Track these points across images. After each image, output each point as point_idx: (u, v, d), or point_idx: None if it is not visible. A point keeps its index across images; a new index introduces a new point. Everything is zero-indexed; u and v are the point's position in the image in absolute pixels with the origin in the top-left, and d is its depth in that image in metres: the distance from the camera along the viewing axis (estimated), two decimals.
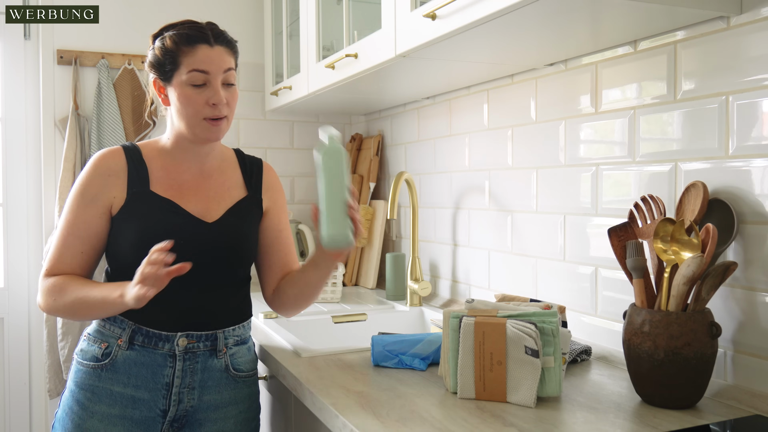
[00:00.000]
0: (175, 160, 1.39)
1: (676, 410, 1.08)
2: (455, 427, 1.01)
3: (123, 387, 1.31)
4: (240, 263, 1.40)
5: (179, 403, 1.33)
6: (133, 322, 1.32)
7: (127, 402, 1.31)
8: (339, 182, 1.25)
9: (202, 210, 1.37)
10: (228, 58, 1.35)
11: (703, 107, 1.22)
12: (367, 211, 2.44)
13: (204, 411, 1.36)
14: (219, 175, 1.43)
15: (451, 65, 1.65)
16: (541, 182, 1.65)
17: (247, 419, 1.42)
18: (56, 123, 2.40)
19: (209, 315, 1.36)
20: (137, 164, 1.36)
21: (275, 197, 1.51)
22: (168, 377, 1.32)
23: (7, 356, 2.42)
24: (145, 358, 1.31)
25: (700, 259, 1.06)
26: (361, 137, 2.68)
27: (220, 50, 1.34)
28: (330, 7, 2.08)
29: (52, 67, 2.40)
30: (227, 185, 1.43)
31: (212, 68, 1.32)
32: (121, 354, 1.31)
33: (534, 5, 1.12)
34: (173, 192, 1.36)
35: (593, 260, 1.48)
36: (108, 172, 1.34)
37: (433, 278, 2.18)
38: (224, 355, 1.37)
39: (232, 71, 1.35)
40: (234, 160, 1.49)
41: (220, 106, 1.33)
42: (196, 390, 1.34)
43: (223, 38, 1.36)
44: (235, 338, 1.40)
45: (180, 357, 1.32)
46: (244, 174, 1.47)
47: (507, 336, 1.11)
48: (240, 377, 1.40)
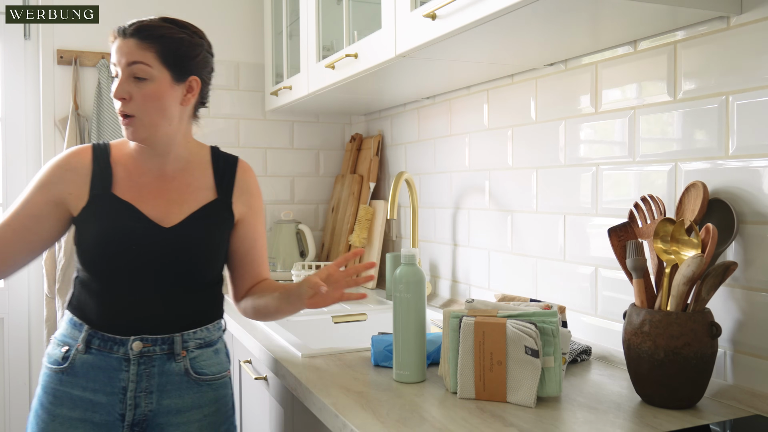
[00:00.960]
0: (137, 161, 1.35)
1: (676, 410, 1.08)
2: (455, 427, 1.01)
3: (82, 390, 1.29)
4: (200, 269, 1.35)
5: (136, 408, 1.30)
6: (89, 326, 1.30)
7: (87, 405, 1.29)
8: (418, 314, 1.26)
9: (160, 214, 1.32)
10: (137, 50, 1.24)
11: (703, 107, 1.22)
12: (367, 211, 2.44)
13: (165, 415, 1.32)
14: (183, 176, 1.37)
15: (451, 65, 1.65)
16: (541, 182, 1.65)
17: (213, 423, 1.37)
18: (56, 123, 2.40)
19: (165, 319, 1.32)
20: (102, 165, 1.33)
21: (251, 202, 1.43)
22: (123, 381, 1.29)
23: (7, 356, 2.42)
24: (102, 362, 1.29)
25: (700, 259, 1.06)
26: (361, 137, 2.68)
27: (132, 42, 1.25)
28: (330, 7, 2.08)
29: (52, 67, 2.40)
30: (193, 187, 1.37)
31: (118, 59, 1.26)
32: (79, 358, 1.29)
33: (534, 5, 1.12)
34: (133, 195, 1.32)
35: (593, 260, 1.48)
36: (67, 167, 1.32)
37: (433, 278, 2.18)
38: (183, 358, 1.33)
39: (140, 65, 1.24)
40: (207, 159, 1.41)
41: (125, 103, 1.25)
42: (154, 394, 1.31)
43: (141, 31, 1.25)
44: (198, 341, 1.35)
45: (134, 361, 1.29)
46: (216, 175, 1.40)
47: (507, 336, 1.11)
48: (203, 380, 1.35)
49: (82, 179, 1.32)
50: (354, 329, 1.92)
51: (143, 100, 1.25)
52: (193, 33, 1.32)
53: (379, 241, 2.39)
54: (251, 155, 2.68)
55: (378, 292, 2.34)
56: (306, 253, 2.53)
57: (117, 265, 1.29)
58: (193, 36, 1.32)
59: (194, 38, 1.32)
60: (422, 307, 1.25)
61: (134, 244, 1.28)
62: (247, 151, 2.68)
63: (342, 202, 2.61)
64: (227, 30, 2.64)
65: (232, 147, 2.64)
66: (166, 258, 1.31)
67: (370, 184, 2.49)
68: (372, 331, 1.89)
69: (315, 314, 1.94)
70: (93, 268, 1.29)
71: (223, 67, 2.62)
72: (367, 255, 2.45)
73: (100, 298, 1.31)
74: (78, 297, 1.34)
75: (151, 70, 1.25)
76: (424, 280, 1.26)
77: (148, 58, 1.25)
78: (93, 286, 1.31)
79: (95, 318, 1.30)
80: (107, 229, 1.29)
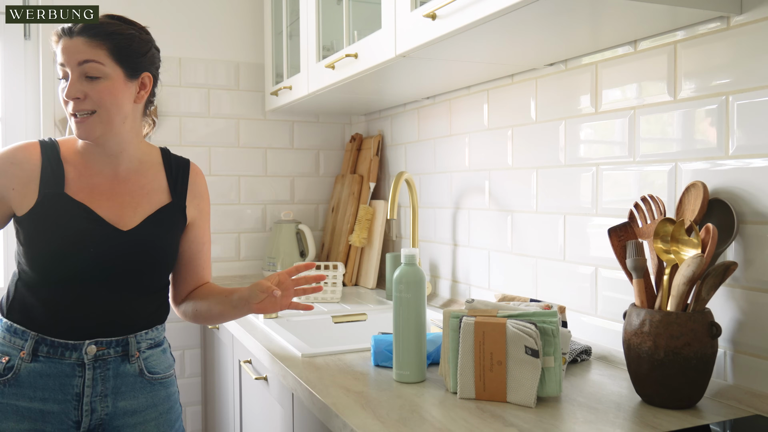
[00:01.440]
0: (87, 161, 1.30)
1: (676, 410, 1.08)
2: (455, 427, 1.01)
3: (29, 401, 1.24)
4: (156, 273, 1.35)
5: (92, 413, 1.27)
6: (36, 333, 1.25)
7: (36, 416, 1.24)
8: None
9: (115, 216, 1.29)
10: (87, 49, 1.22)
11: (703, 107, 1.22)
12: (367, 211, 2.44)
13: (121, 417, 1.30)
14: (137, 178, 1.34)
15: (451, 65, 1.65)
16: (541, 182, 1.65)
17: (168, 421, 1.37)
18: (56, 123, 2.40)
19: (120, 322, 1.29)
20: (53, 163, 1.27)
21: (201, 206, 1.42)
22: (78, 387, 1.26)
23: None
24: (51, 369, 1.24)
25: (700, 259, 1.06)
26: (361, 137, 2.68)
27: (79, 41, 1.22)
28: (330, 7, 2.08)
29: (52, 67, 2.40)
30: (147, 189, 1.34)
31: (67, 59, 1.22)
32: (24, 367, 1.24)
33: (534, 5, 1.12)
34: (86, 195, 1.28)
35: (593, 260, 1.48)
36: (12, 161, 1.25)
37: (433, 278, 2.18)
38: (137, 359, 1.32)
39: (92, 63, 1.21)
40: (158, 161, 1.39)
41: (79, 101, 1.22)
42: (109, 397, 1.28)
43: (89, 29, 1.23)
44: (149, 341, 1.35)
45: (89, 365, 1.26)
46: (169, 177, 1.38)
47: (507, 336, 1.11)
48: (156, 379, 1.35)
49: (28, 176, 1.25)
50: (354, 329, 1.92)
51: (99, 98, 1.22)
52: (140, 29, 1.31)
53: (379, 241, 2.39)
54: (251, 155, 2.68)
55: (378, 292, 2.34)
56: (306, 253, 2.53)
57: (72, 268, 1.24)
58: (141, 32, 1.31)
59: (142, 35, 1.31)
60: (422, 307, 1.25)
61: (91, 247, 1.24)
62: (247, 151, 2.68)
63: (342, 202, 2.61)
64: (227, 30, 2.64)
65: (232, 147, 2.64)
66: (123, 261, 1.28)
67: (370, 184, 2.49)
68: (372, 331, 1.89)
69: (315, 314, 1.94)
70: (44, 271, 1.24)
71: (223, 67, 2.63)
72: (367, 255, 2.45)
73: (50, 302, 1.25)
74: (21, 302, 1.28)
75: (104, 68, 1.23)
76: (424, 280, 1.26)
77: (100, 56, 1.22)
78: (42, 289, 1.26)
79: (44, 323, 1.25)
80: (62, 230, 1.24)
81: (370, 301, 2.16)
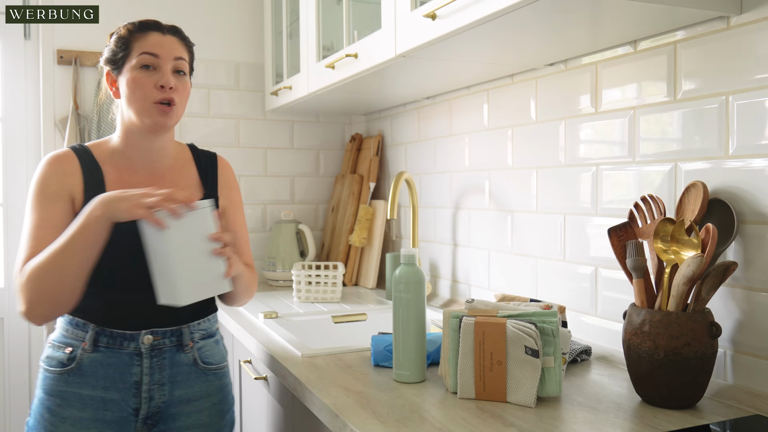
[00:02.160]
0: (127, 160, 1.36)
1: (676, 410, 1.08)
2: (455, 427, 1.01)
3: (92, 389, 1.30)
4: None
5: (150, 400, 1.33)
6: (96, 324, 1.31)
7: (97, 404, 1.30)
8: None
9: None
10: (179, 47, 1.35)
11: (703, 107, 1.22)
12: (367, 211, 2.44)
13: (176, 405, 1.36)
14: (172, 174, 1.41)
15: (451, 65, 1.65)
16: (541, 182, 1.65)
17: (221, 411, 1.43)
18: (56, 123, 2.40)
19: (173, 312, 1.32)
20: (91, 167, 1.33)
21: (231, 195, 1.50)
22: (136, 375, 1.32)
23: (7, 356, 2.42)
24: (111, 359, 1.31)
25: (700, 259, 1.06)
26: (361, 137, 2.68)
27: (172, 39, 1.34)
28: (330, 7, 2.08)
29: (52, 67, 2.40)
30: (182, 185, 1.41)
31: (162, 52, 1.32)
32: (86, 357, 1.30)
33: (534, 5, 1.12)
34: None
35: (593, 260, 1.48)
36: (64, 173, 1.31)
37: (433, 278, 2.18)
38: (191, 349, 1.38)
39: (183, 61, 1.35)
40: (189, 157, 1.47)
41: (169, 91, 1.31)
42: (166, 386, 1.34)
43: (177, 31, 1.37)
44: (201, 332, 1.41)
45: (146, 354, 1.33)
46: (200, 171, 1.46)
47: (507, 336, 1.11)
48: (210, 370, 1.41)
49: (78, 181, 1.31)
50: (354, 329, 1.92)
51: (182, 93, 1.35)
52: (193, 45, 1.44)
53: (379, 241, 2.39)
54: (251, 155, 2.68)
55: (378, 292, 2.34)
56: (306, 253, 2.53)
57: (127, 264, 1.30)
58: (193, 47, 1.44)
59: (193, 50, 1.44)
60: (422, 307, 1.25)
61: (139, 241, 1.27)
62: (247, 151, 2.68)
63: (342, 202, 2.61)
64: (227, 30, 2.64)
65: (232, 147, 2.64)
66: None
67: (370, 184, 2.49)
68: (372, 331, 1.89)
69: (315, 314, 1.94)
70: (100, 268, 1.28)
71: (223, 67, 2.63)
72: (367, 255, 2.45)
73: (107, 296, 1.31)
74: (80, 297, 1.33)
75: (187, 68, 1.38)
76: (424, 280, 1.26)
77: (186, 57, 1.37)
78: (98, 285, 1.30)
79: (102, 316, 1.31)
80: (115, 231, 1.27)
81: (370, 301, 2.16)
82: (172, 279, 1.21)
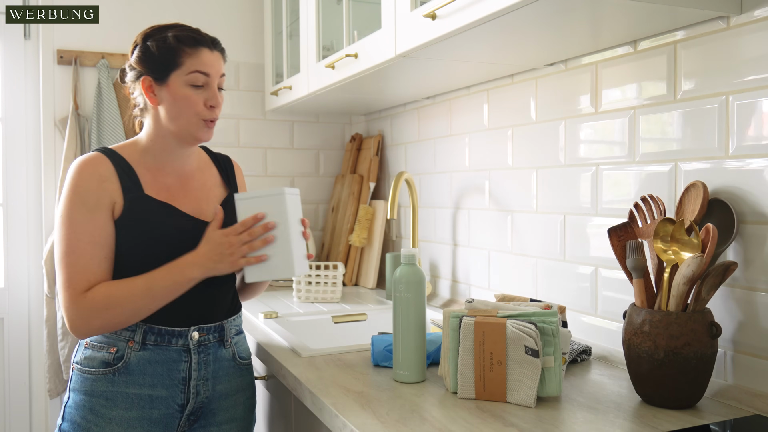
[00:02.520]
0: (158, 162, 1.38)
1: (676, 410, 1.08)
2: (455, 427, 1.01)
3: (139, 388, 1.31)
4: None
5: (197, 396, 1.35)
6: (143, 323, 1.31)
7: (144, 402, 1.31)
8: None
9: (196, 210, 1.38)
10: (222, 64, 1.40)
11: (703, 107, 1.22)
12: (367, 211, 2.44)
13: (217, 400, 1.39)
14: (200, 175, 1.45)
15: (451, 65, 1.65)
16: (541, 182, 1.65)
17: (252, 405, 1.48)
18: (56, 123, 2.40)
19: (215, 309, 1.38)
20: (125, 169, 1.33)
21: None
22: (184, 371, 1.34)
23: (7, 356, 2.42)
24: (159, 356, 1.32)
25: (700, 259, 1.06)
26: (361, 137, 2.68)
27: (218, 56, 1.38)
28: (330, 7, 2.08)
29: (52, 67, 2.40)
30: (209, 185, 1.45)
31: (212, 71, 1.35)
32: (133, 355, 1.31)
33: (534, 5, 1.12)
34: (165, 194, 1.36)
35: (593, 260, 1.48)
36: (101, 178, 1.30)
37: (433, 278, 2.18)
38: (231, 344, 1.42)
39: (224, 77, 1.40)
40: (207, 158, 1.51)
41: (217, 109, 1.37)
42: (210, 381, 1.37)
43: (220, 45, 1.40)
44: (236, 328, 1.45)
45: (195, 350, 1.35)
46: (221, 172, 1.50)
47: (507, 336, 1.11)
48: (243, 365, 1.45)
49: (116, 186, 1.31)
50: (354, 329, 1.92)
51: (221, 107, 1.39)
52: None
53: (379, 241, 2.39)
54: (251, 155, 2.68)
55: (378, 292, 2.34)
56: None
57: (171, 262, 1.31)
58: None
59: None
60: (422, 307, 1.25)
61: (191, 240, 1.31)
62: (247, 151, 2.68)
63: (342, 202, 2.61)
64: (227, 30, 2.63)
65: (232, 147, 2.64)
66: None
67: (370, 184, 2.49)
68: (372, 331, 1.89)
69: (315, 314, 1.94)
70: (144, 269, 1.28)
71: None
72: (367, 255, 2.45)
73: None
74: None
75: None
76: (424, 280, 1.26)
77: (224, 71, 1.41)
78: None
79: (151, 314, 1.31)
80: (157, 229, 1.31)
81: (370, 301, 2.16)
82: (288, 253, 1.30)
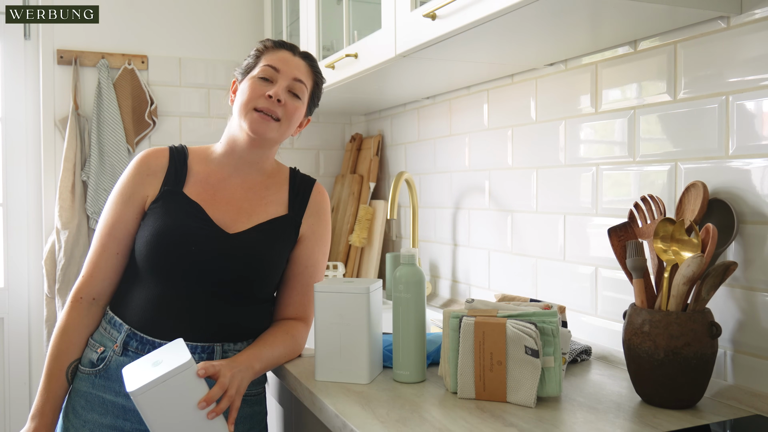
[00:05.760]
0: (219, 166, 1.36)
1: (676, 410, 1.08)
2: (455, 427, 1.01)
3: (115, 395, 1.25)
4: (252, 281, 1.31)
5: None
6: (129, 327, 1.27)
7: (118, 411, 1.25)
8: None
9: (228, 221, 1.31)
10: (305, 71, 1.36)
11: (703, 107, 1.22)
12: (367, 211, 2.44)
13: None
14: (261, 189, 1.37)
15: (451, 65, 1.65)
16: (541, 182, 1.65)
17: None
18: (56, 123, 2.40)
19: (206, 328, 1.27)
20: (179, 165, 1.34)
21: (315, 227, 1.40)
22: None
23: (7, 356, 2.42)
24: None
25: (700, 259, 1.06)
26: (361, 137, 2.68)
27: (301, 62, 1.36)
28: (330, 7, 2.08)
29: (52, 67, 2.40)
30: (266, 201, 1.37)
31: (283, 68, 1.33)
32: (114, 360, 1.26)
33: (534, 5, 1.12)
34: (205, 198, 1.32)
35: (593, 260, 1.48)
36: (147, 172, 1.32)
37: (433, 278, 2.18)
38: None
39: (302, 85, 1.34)
40: (285, 178, 1.43)
41: (276, 104, 1.30)
42: None
43: (309, 57, 1.39)
44: (236, 353, 1.28)
45: None
46: (291, 192, 1.40)
47: (507, 336, 1.11)
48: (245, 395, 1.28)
49: (158, 180, 1.32)
50: None
51: (289, 113, 1.33)
52: (323, 80, 1.44)
53: (379, 241, 2.39)
54: None
55: None
56: None
57: (171, 261, 1.26)
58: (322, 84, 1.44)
59: (322, 86, 1.44)
60: (422, 307, 1.25)
61: (193, 245, 1.26)
62: None
63: (342, 202, 2.61)
64: (227, 30, 2.64)
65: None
66: (222, 263, 1.27)
67: (370, 184, 2.49)
68: None
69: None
70: (145, 261, 1.26)
71: (223, 67, 2.62)
72: (367, 255, 2.45)
73: (145, 295, 1.27)
74: (123, 294, 1.31)
75: (305, 94, 1.37)
76: (424, 280, 1.26)
77: (307, 84, 1.37)
78: (141, 281, 1.29)
79: (136, 317, 1.27)
80: (169, 224, 1.27)
81: None
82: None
